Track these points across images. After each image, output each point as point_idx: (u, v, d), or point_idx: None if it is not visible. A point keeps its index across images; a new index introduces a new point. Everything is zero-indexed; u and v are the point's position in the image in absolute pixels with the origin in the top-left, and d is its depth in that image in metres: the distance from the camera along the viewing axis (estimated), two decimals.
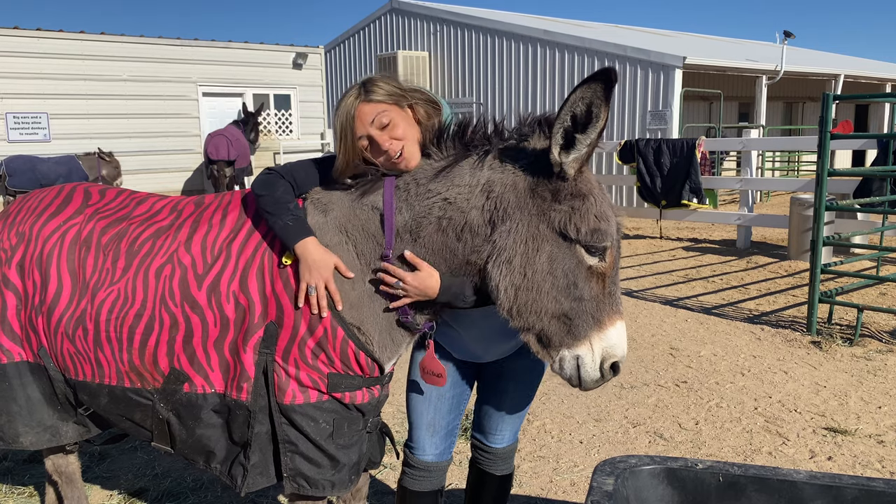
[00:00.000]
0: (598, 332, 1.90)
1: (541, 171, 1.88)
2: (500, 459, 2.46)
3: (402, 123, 2.02)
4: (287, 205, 2.03)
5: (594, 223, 1.86)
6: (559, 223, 1.86)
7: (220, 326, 2.07)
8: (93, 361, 2.20)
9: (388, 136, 1.98)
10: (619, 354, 1.93)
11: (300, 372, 2.03)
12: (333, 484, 2.11)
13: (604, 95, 1.74)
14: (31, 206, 2.39)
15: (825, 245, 5.83)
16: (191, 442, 2.18)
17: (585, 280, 1.88)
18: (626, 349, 1.99)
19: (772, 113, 19.47)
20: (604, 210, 1.89)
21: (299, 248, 1.98)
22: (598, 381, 1.94)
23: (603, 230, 1.87)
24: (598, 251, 1.88)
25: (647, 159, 10.11)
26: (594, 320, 1.90)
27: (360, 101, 2.01)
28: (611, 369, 1.93)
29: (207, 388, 2.11)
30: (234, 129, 13.03)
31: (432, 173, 1.99)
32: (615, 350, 1.92)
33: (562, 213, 1.86)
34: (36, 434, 2.37)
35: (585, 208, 1.86)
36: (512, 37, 15.84)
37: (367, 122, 1.98)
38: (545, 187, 1.88)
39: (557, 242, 1.88)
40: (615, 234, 1.92)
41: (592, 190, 1.89)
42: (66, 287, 2.22)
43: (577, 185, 1.87)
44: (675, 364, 5.06)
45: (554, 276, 1.88)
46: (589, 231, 1.85)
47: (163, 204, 2.33)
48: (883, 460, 3.58)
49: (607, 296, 1.91)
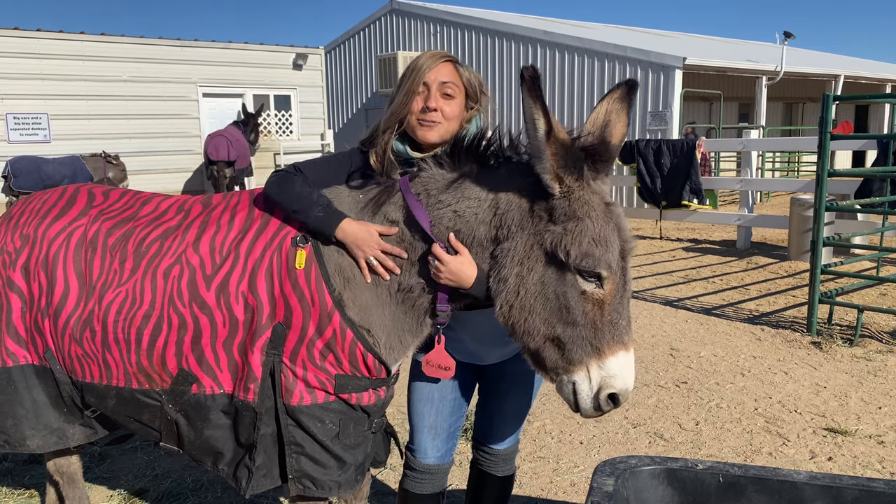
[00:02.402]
0: (597, 359, 1.82)
1: (541, 190, 1.84)
2: (502, 461, 2.46)
3: (458, 109, 2.12)
4: (310, 197, 2.03)
5: (586, 247, 1.77)
6: (550, 244, 1.81)
7: (229, 327, 2.07)
8: (101, 363, 2.19)
9: (441, 104, 2.07)
10: (619, 386, 1.83)
11: (308, 373, 2.03)
12: (339, 484, 2.12)
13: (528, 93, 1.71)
14: (35, 207, 2.38)
15: (825, 246, 5.83)
16: (199, 443, 2.18)
17: (579, 305, 1.81)
18: (631, 382, 1.85)
19: (772, 113, 19.47)
20: (603, 235, 1.79)
21: (339, 233, 2.00)
22: (596, 411, 1.86)
23: (595, 256, 1.78)
24: (591, 276, 1.80)
25: (648, 160, 10.11)
26: (592, 348, 1.82)
27: (447, 61, 2.11)
28: (609, 400, 1.84)
29: (216, 388, 2.11)
30: (234, 129, 13.04)
31: (444, 184, 1.99)
32: (614, 381, 1.82)
33: (554, 234, 1.81)
34: (43, 437, 2.37)
35: (579, 231, 1.79)
36: (512, 37, 15.85)
37: (439, 78, 2.08)
38: (543, 207, 1.84)
39: (550, 264, 1.83)
40: (615, 261, 1.81)
41: (591, 213, 1.80)
42: (72, 289, 2.21)
43: (573, 206, 1.81)
44: (675, 365, 5.06)
45: (546, 299, 1.84)
46: (579, 255, 1.77)
47: (169, 204, 2.32)
48: (883, 461, 3.58)
49: (608, 324, 1.82)
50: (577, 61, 14.68)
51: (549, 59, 15.17)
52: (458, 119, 2.13)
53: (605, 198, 1.85)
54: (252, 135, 13.49)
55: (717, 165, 15.15)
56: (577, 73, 14.69)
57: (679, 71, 13.13)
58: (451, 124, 2.11)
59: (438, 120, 2.08)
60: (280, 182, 2.08)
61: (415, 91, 2.09)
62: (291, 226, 2.09)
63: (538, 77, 1.70)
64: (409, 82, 2.10)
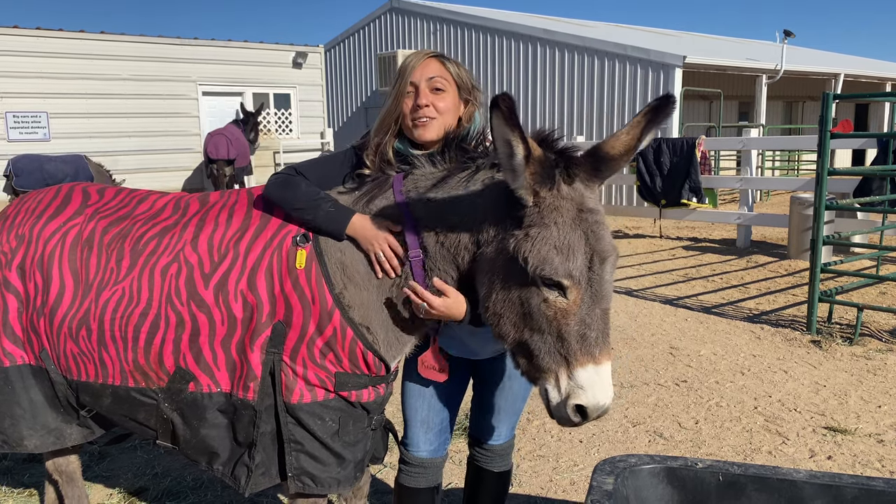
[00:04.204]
0: (566, 369, 1.76)
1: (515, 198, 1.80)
2: (498, 456, 2.47)
3: (450, 102, 2.11)
4: (317, 196, 2.04)
5: (545, 254, 1.71)
6: (513, 250, 1.77)
7: (228, 325, 2.07)
8: (96, 361, 2.19)
9: (432, 99, 2.06)
10: (584, 400, 1.74)
11: (308, 371, 2.04)
12: (339, 481, 2.12)
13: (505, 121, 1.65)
14: (30, 207, 2.38)
15: (825, 244, 5.83)
16: (194, 442, 2.18)
17: (542, 314, 1.76)
18: (602, 398, 1.74)
19: (772, 112, 19.47)
20: (566, 242, 1.73)
21: (350, 230, 2.01)
22: (566, 421, 1.79)
23: (553, 264, 1.71)
24: (552, 285, 1.74)
25: (647, 158, 10.11)
26: (561, 357, 1.77)
27: (432, 57, 2.11)
28: (577, 412, 1.76)
29: (213, 387, 2.11)
30: (233, 128, 13.04)
31: (432, 183, 2.00)
32: (580, 393, 1.74)
33: (518, 239, 1.77)
34: (40, 437, 2.37)
35: (541, 238, 1.73)
36: (512, 36, 15.84)
37: (425, 75, 2.08)
38: (515, 211, 1.80)
39: (515, 269, 1.78)
40: (577, 270, 1.72)
41: (558, 219, 1.74)
42: (68, 287, 2.21)
43: (542, 212, 1.76)
44: (674, 363, 5.06)
45: (513, 304, 1.81)
46: (537, 263, 1.72)
47: (165, 202, 2.32)
48: (883, 459, 3.58)
49: (574, 335, 1.74)
50: (577, 60, 14.67)
51: (549, 58, 15.16)
52: (454, 112, 2.12)
53: (582, 203, 1.78)
54: (252, 134, 13.49)
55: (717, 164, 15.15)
56: (577, 71, 14.68)
57: (679, 69, 13.13)
58: (447, 118, 2.10)
59: (432, 115, 2.07)
60: (284, 184, 2.08)
61: (403, 93, 2.09)
62: (291, 225, 2.09)
63: (514, 106, 1.65)
64: (398, 84, 2.11)
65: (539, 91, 15.39)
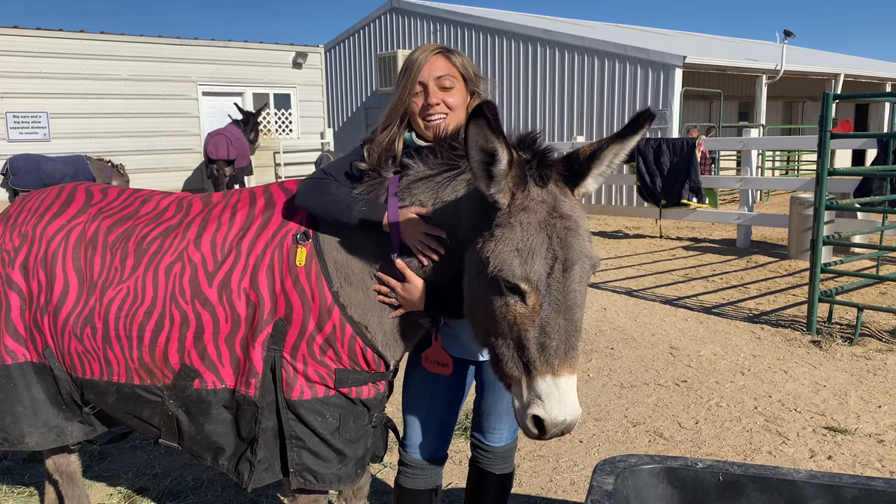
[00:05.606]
0: (528, 378, 1.69)
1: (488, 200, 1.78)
2: (500, 458, 2.47)
3: (459, 98, 2.11)
4: (348, 197, 2.03)
5: (504, 256, 1.66)
6: (480, 250, 1.73)
7: (232, 323, 2.09)
8: (101, 359, 2.21)
9: (442, 97, 2.07)
10: (541, 412, 1.65)
11: (308, 368, 2.06)
12: (340, 478, 2.14)
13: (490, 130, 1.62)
14: (33, 206, 2.39)
15: (825, 244, 5.83)
16: (199, 438, 2.19)
17: (503, 317, 1.72)
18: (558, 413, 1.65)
19: (772, 112, 19.47)
20: (527, 245, 1.67)
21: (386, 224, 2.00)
22: (527, 431, 1.72)
23: (511, 266, 1.65)
24: (511, 288, 1.68)
25: (647, 158, 10.11)
26: (522, 364, 1.70)
27: (438, 53, 2.10)
28: (534, 423, 1.68)
29: (218, 383, 2.13)
30: (233, 128, 13.05)
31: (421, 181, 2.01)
32: (536, 404, 1.66)
33: (485, 240, 1.73)
34: (41, 434, 2.38)
35: (505, 239, 1.68)
36: (512, 36, 15.84)
37: (433, 73, 2.08)
38: (490, 212, 1.77)
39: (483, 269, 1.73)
40: (536, 275, 1.66)
41: (524, 220, 1.69)
42: (72, 286, 2.22)
43: (511, 213, 1.72)
44: (674, 363, 5.06)
45: (482, 305, 1.77)
46: (496, 264, 1.67)
47: (168, 202, 2.34)
48: (882, 459, 3.58)
49: (534, 343, 1.67)
50: (576, 60, 14.68)
51: (548, 58, 15.17)
52: (464, 107, 2.13)
53: (555, 207, 1.72)
54: (252, 134, 13.50)
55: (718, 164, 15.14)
56: (577, 71, 14.68)
57: (679, 70, 13.13)
58: (458, 113, 2.11)
59: (443, 112, 2.09)
60: (315, 189, 2.07)
61: (412, 91, 2.10)
62: (292, 223, 2.11)
63: (498, 113, 1.63)
64: (405, 82, 2.11)
65: (539, 91, 15.39)
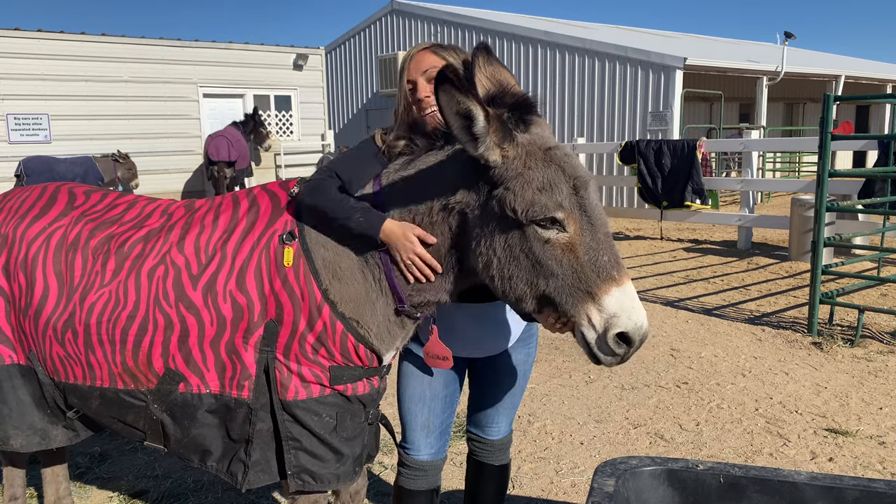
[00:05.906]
0: (593, 303, 1.74)
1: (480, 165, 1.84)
2: (498, 450, 2.51)
3: None
4: (349, 202, 2.03)
5: (531, 197, 1.76)
6: (499, 207, 1.80)
7: (217, 326, 2.07)
8: (84, 364, 2.19)
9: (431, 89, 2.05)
10: (623, 325, 1.72)
11: (302, 367, 2.05)
12: (338, 477, 2.13)
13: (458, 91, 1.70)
14: (13, 207, 2.36)
15: (826, 246, 5.83)
16: (185, 441, 2.18)
17: (549, 256, 1.77)
18: (639, 318, 1.72)
19: (772, 114, 19.47)
20: (546, 179, 1.78)
21: (383, 236, 2.00)
22: (613, 356, 1.76)
23: (541, 203, 1.75)
24: (548, 223, 1.77)
25: (648, 160, 10.11)
26: (583, 293, 1.75)
27: (425, 49, 2.13)
28: (620, 341, 1.74)
29: (203, 388, 2.11)
30: (234, 130, 13.05)
31: (400, 167, 2.04)
32: (616, 320, 1.72)
33: (500, 197, 1.81)
34: (26, 437, 2.36)
35: (520, 185, 1.78)
36: (512, 38, 15.85)
37: (420, 68, 2.11)
38: (487, 176, 1.84)
39: (509, 228, 1.81)
40: (566, 199, 1.77)
41: (529, 163, 1.80)
42: (52, 290, 2.20)
43: (508, 166, 1.81)
44: (675, 365, 5.06)
45: (517, 261, 1.82)
46: (526, 207, 1.76)
47: (153, 207, 2.32)
48: (884, 461, 3.57)
49: (588, 265, 1.74)
50: (577, 62, 14.68)
51: (549, 60, 15.17)
52: None
53: (544, 143, 1.84)
54: (252, 136, 13.50)
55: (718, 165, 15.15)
56: (578, 73, 14.69)
57: (679, 71, 13.13)
58: None
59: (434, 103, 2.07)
60: (315, 191, 2.07)
61: (404, 90, 2.14)
62: (277, 224, 2.10)
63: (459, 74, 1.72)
64: (399, 84, 2.16)
65: (540, 93, 15.37)
